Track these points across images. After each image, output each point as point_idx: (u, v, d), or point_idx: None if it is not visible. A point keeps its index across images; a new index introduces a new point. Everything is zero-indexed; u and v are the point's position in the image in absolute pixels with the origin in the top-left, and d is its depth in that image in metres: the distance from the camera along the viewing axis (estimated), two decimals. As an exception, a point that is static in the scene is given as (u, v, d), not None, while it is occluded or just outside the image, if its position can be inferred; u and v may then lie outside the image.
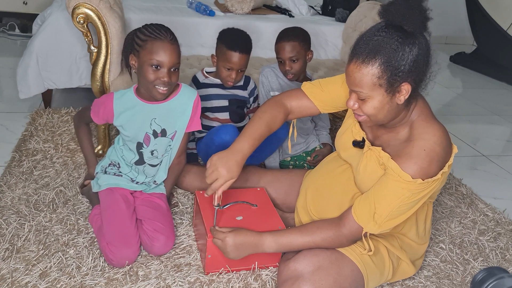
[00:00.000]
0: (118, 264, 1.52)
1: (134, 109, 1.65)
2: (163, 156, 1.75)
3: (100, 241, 1.57)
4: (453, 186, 2.30)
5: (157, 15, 2.65)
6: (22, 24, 3.96)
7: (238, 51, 1.93)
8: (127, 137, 1.68)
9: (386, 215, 1.33)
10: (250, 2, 2.91)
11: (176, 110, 1.69)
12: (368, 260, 1.42)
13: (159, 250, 1.59)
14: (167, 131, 1.70)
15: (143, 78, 1.57)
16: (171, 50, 1.54)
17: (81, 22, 1.99)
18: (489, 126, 3.33)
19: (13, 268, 1.48)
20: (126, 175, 1.73)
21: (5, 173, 1.96)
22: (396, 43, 1.20)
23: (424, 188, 1.30)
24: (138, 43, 1.56)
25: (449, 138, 1.34)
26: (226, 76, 2.00)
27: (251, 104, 2.19)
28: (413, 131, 1.34)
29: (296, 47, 2.03)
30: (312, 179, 1.65)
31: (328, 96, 1.57)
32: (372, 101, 1.27)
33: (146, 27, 1.58)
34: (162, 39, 1.53)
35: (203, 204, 1.64)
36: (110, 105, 1.65)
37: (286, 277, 1.38)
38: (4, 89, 2.91)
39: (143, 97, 1.65)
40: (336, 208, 1.50)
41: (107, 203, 1.64)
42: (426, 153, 1.28)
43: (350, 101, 1.31)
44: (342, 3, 3.16)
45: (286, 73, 2.10)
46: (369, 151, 1.41)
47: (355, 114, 1.35)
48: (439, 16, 5.39)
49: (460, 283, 1.66)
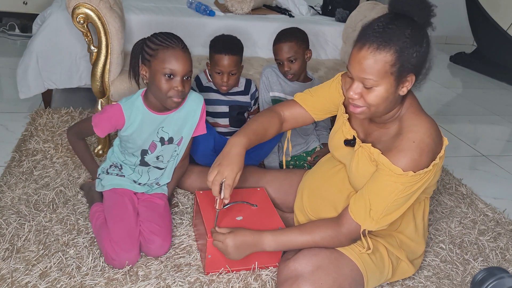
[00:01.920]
0: (119, 265, 1.51)
1: (143, 120, 1.61)
2: (168, 162, 1.74)
3: (101, 239, 1.56)
4: (453, 186, 2.30)
5: (157, 15, 2.65)
6: (22, 24, 3.96)
7: (224, 53, 1.94)
8: (130, 146, 1.65)
9: (382, 210, 1.33)
10: (250, 2, 2.91)
11: (184, 117, 1.68)
12: (367, 260, 1.42)
13: (155, 252, 1.58)
14: (174, 138, 1.68)
15: (157, 88, 1.53)
16: (183, 58, 1.51)
17: (81, 22, 1.99)
18: (489, 126, 3.33)
19: (13, 268, 1.48)
20: (128, 176, 1.72)
21: (5, 173, 1.96)
22: (410, 33, 1.21)
23: (417, 180, 1.30)
24: (149, 53, 1.52)
25: (438, 130, 1.35)
26: (219, 80, 2.01)
27: (252, 107, 2.19)
28: (402, 125, 1.34)
29: (293, 47, 2.03)
30: (307, 181, 1.66)
31: (318, 100, 1.59)
32: (379, 90, 1.25)
33: (156, 35, 1.54)
34: (174, 47, 1.50)
35: (203, 204, 1.64)
36: (121, 119, 1.58)
37: (285, 277, 1.38)
38: (4, 89, 2.91)
39: (152, 106, 1.60)
40: (332, 207, 1.51)
41: (113, 201, 1.63)
42: (416, 145, 1.28)
43: (350, 90, 1.29)
44: (342, 3, 3.16)
45: (286, 74, 2.10)
46: (360, 149, 1.41)
47: (353, 106, 1.32)
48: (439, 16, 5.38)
49: (460, 283, 1.66)
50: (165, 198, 1.75)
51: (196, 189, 1.84)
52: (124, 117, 1.58)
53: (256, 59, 2.76)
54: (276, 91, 2.15)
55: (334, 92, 1.56)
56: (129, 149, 1.67)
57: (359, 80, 1.27)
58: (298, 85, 2.16)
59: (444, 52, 5.07)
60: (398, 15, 1.25)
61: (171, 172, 1.78)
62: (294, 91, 2.15)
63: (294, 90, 2.15)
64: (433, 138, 1.30)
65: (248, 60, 2.72)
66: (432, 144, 1.30)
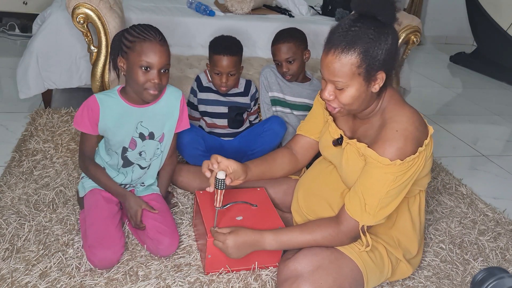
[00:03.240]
0: (101, 266, 1.49)
1: (120, 113, 1.60)
2: (151, 160, 1.72)
3: (83, 244, 1.56)
4: (453, 186, 2.30)
5: (157, 15, 2.65)
6: (22, 24, 3.96)
7: (223, 53, 1.94)
8: (112, 142, 1.64)
9: (377, 204, 1.34)
10: (250, 2, 2.91)
11: (163, 112, 1.67)
12: (367, 259, 1.42)
13: (164, 252, 1.57)
14: (155, 134, 1.67)
15: (133, 81, 1.53)
16: (160, 51, 1.51)
17: (81, 22, 1.99)
18: (489, 126, 3.33)
19: (13, 268, 1.48)
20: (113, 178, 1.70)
21: (5, 173, 1.96)
22: (373, 33, 1.24)
23: (406, 168, 1.31)
24: (126, 45, 1.52)
25: (421, 118, 1.37)
26: (218, 81, 2.01)
27: (251, 108, 2.19)
28: (385, 116, 1.37)
29: (291, 48, 2.03)
30: (302, 181, 1.67)
31: (313, 122, 1.65)
32: (350, 90, 1.29)
33: (134, 27, 1.54)
34: (151, 39, 1.50)
35: (203, 204, 1.64)
36: (96, 107, 1.57)
37: (285, 277, 1.38)
38: (4, 89, 2.91)
39: (130, 99, 1.60)
40: (327, 205, 1.52)
41: (89, 206, 1.63)
42: (399, 133, 1.30)
43: (325, 92, 1.33)
44: (342, 3, 3.16)
45: (284, 75, 2.09)
46: (348, 146, 1.43)
47: (329, 106, 1.37)
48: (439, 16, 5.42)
49: (460, 283, 1.66)
50: (159, 198, 1.73)
51: (195, 188, 1.84)
52: (98, 105, 1.58)
53: (256, 59, 2.76)
54: (275, 91, 2.15)
55: (319, 108, 1.62)
56: (111, 143, 1.65)
57: (330, 82, 1.31)
58: (296, 86, 2.16)
59: (444, 52, 5.07)
60: (362, 16, 1.28)
61: (155, 171, 1.76)
62: (293, 92, 2.16)
63: (293, 90, 2.15)
64: (416, 126, 1.32)
65: (248, 60, 2.72)
66: (416, 132, 1.32)
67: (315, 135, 1.65)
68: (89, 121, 1.59)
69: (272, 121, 2.06)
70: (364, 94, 1.30)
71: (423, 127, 1.35)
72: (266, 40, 2.77)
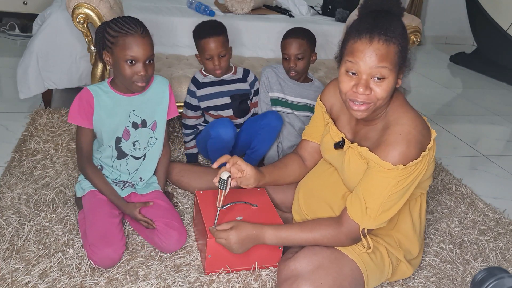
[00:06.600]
0: (102, 264, 1.50)
1: (113, 103, 1.64)
2: (146, 149, 1.73)
3: (83, 244, 1.57)
4: (453, 186, 2.30)
5: (157, 15, 2.66)
6: (22, 24, 3.97)
7: (208, 36, 1.96)
8: (105, 134, 1.65)
9: (378, 208, 1.33)
10: (250, 2, 2.91)
11: (153, 99, 1.70)
12: (368, 259, 1.42)
13: (173, 247, 1.59)
14: (147, 121, 1.70)
15: (120, 74, 1.57)
16: (143, 43, 1.53)
17: (81, 22, 1.99)
18: (489, 126, 3.33)
19: (13, 268, 1.48)
20: (109, 177, 1.72)
21: (5, 173, 1.96)
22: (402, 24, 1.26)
23: (409, 173, 1.30)
24: (110, 40, 1.54)
25: (424, 122, 1.35)
26: (211, 66, 2.02)
27: (252, 96, 2.19)
28: (388, 119, 1.35)
29: (303, 45, 2.05)
30: (303, 182, 1.67)
31: (316, 126, 1.64)
32: (388, 82, 1.26)
33: (115, 21, 1.56)
34: (133, 33, 1.52)
35: (203, 204, 1.64)
36: (90, 99, 1.61)
37: (285, 277, 1.38)
38: (4, 89, 2.91)
39: (120, 89, 1.65)
40: (327, 207, 1.52)
41: (89, 206, 1.63)
42: (402, 137, 1.28)
43: (360, 86, 1.25)
44: (342, 3, 3.17)
45: (290, 70, 2.10)
46: (350, 149, 1.43)
47: (358, 104, 1.29)
48: (439, 16, 5.42)
49: (460, 283, 1.66)
50: (161, 195, 1.74)
51: (195, 188, 1.84)
52: (92, 96, 1.61)
53: (256, 59, 2.76)
54: (276, 91, 2.15)
55: (319, 112, 1.62)
56: (104, 141, 1.67)
57: (369, 73, 1.25)
58: (298, 86, 2.16)
59: (444, 52, 5.07)
60: (377, 11, 1.27)
61: (153, 164, 1.77)
62: (294, 92, 2.16)
63: (294, 90, 2.15)
64: (420, 130, 1.31)
65: (248, 60, 2.72)
66: (419, 135, 1.30)
67: (318, 138, 1.64)
68: (85, 113, 1.61)
69: (269, 117, 2.06)
70: (391, 89, 1.28)
71: (426, 131, 1.34)
72: (266, 40, 2.77)
